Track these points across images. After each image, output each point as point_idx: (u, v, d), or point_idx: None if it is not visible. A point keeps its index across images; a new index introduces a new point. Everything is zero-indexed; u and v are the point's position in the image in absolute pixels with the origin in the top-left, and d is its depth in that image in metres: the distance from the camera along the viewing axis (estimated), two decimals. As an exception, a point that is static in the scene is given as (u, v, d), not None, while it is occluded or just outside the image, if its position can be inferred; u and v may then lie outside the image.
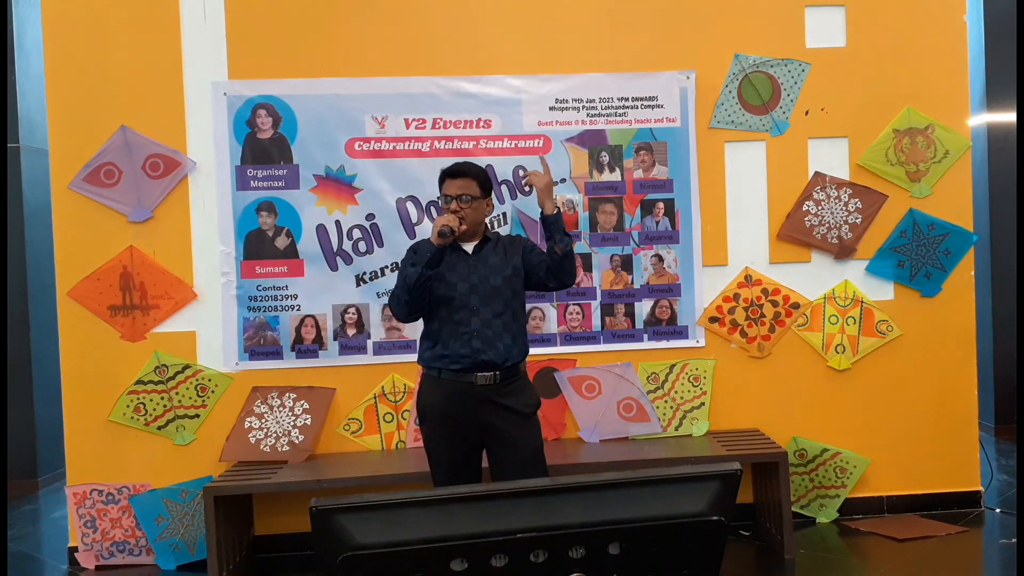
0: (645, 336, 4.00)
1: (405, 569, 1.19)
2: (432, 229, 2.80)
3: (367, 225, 3.89)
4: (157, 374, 3.81)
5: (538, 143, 3.93)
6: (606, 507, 1.23)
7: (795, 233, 4.03)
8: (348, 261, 3.88)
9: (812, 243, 4.04)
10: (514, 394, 2.86)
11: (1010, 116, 5.54)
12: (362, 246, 3.89)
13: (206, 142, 3.83)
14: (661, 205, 3.99)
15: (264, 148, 3.85)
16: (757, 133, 4.02)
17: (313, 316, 3.87)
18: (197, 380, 3.83)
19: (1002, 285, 5.58)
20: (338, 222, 3.87)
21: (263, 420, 3.82)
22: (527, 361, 3.00)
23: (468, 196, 2.87)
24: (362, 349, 3.90)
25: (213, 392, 3.84)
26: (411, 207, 3.89)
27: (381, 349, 3.90)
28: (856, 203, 4.03)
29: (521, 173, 3.91)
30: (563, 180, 3.93)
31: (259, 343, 3.86)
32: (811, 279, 4.05)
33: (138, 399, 3.80)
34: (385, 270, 3.88)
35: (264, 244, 3.86)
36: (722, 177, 4.02)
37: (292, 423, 3.82)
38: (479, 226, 2.94)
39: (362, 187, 3.88)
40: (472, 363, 2.82)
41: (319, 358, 3.88)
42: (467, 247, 2.93)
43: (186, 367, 3.83)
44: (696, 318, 4.00)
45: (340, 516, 1.17)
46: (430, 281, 2.82)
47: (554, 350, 3.95)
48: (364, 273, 3.89)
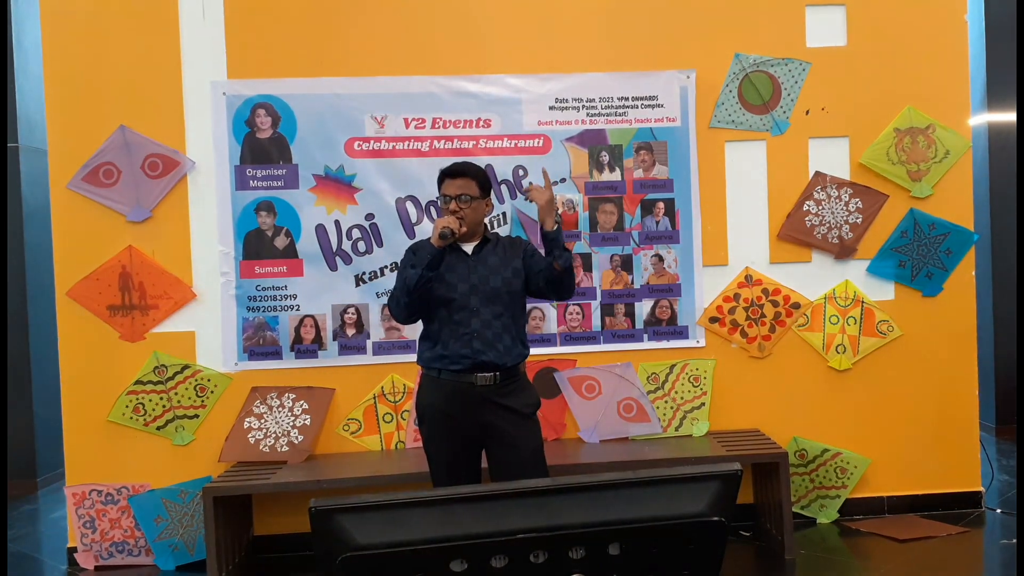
0: (645, 336, 3.99)
1: (405, 569, 1.19)
2: (432, 231, 2.80)
3: (366, 225, 3.88)
4: (156, 374, 3.81)
5: (538, 143, 3.93)
6: (606, 507, 1.23)
7: (795, 233, 4.03)
8: (347, 261, 3.88)
9: (812, 243, 4.04)
10: (514, 394, 2.86)
11: (1010, 116, 5.54)
12: (361, 246, 3.88)
13: (205, 142, 3.83)
14: (661, 205, 3.98)
15: (263, 148, 3.85)
16: (757, 133, 4.02)
17: (312, 316, 3.87)
18: (196, 380, 3.83)
19: (1002, 285, 5.58)
20: (337, 222, 3.87)
21: (262, 420, 3.81)
22: (527, 361, 3.00)
23: (467, 196, 2.86)
24: (361, 349, 3.89)
25: (212, 392, 3.83)
26: (411, 207, 3.89)
27: (381, 349, 3.90)
28: (857, 203, 4.03)
29: (521, 174, 3.91)
30: (563, 180, 3.93)
31: (258, 343, 3.85)
32: (811, 279, 4.05)
33: (137, 399, 3.80)
34: (384, 270, 3.88)
35: (263, 244, 3.86)
36: (722, 177, 4.01)
37: (291, 423, 3.82)
38: (478, 226, 2.93)
39: (361, 187, 3.87)
40: (472, 364, 2.81)
41: (318, 358, 3.87)
42: (467, 248, 2.92)
43: (185, 367, 3.83)
44: (696, 318, 4.00)
45: (340, 516, 1.17)
46: (430, 283, 2.81)
47: (554, 350, 3.95)
48: (363, 273, 3.89)
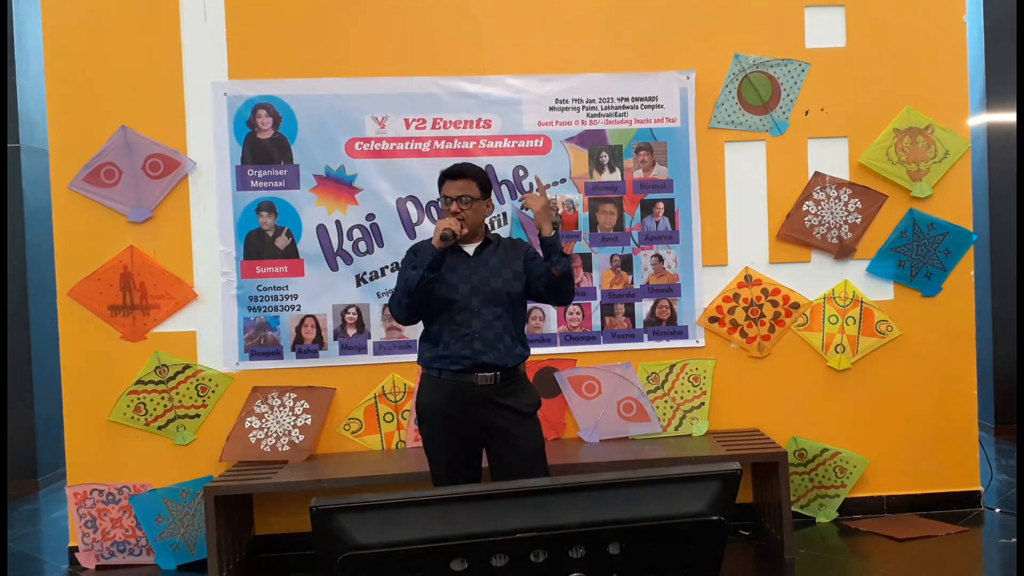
0: (645, 336, 4.00)
1: (405, 569, 1.19)
2: (434, 232, 2.80)
3: (367, 225, 3.89)
4: (157, 374, 3.82)
5: (538, 143, 3.93)
6: (606, 507, 1.23)
7: (795, 233, 4.03)
8: (348, 261, 3.88)
9: (812, 243, 4.04)
10: (514, 394, 2.86)
11: (1010, 116, 5.54)
12: (362, 246, 3.89)
13: (206, 142, 3.83)
14: (661, 205, 3.99)
15: (264, 148, 3.85)
16: (757, 133, 4.02)
17: (313, 316, 3.88)
18: (197, 380, 3.83)
19: (1002, 285, 5.58)
20: (338, 222, 3.87)
21: (263, 420, 3.82)
22: (527, 361, 3.00)
23: (468, 197, 2.86)
24: (362, 349, 3.90)
25: (213, 392, 3.84)
26: (411, 207, 3.90)
27: (381, 349, 3.91)
28: (856, 203, 4.03)
29: (521, 174, 3.91)
30: (563, 180, 3.93)
31: (259, 343, 3.86)
32: (811, 279, 4.06)
33: (138, 399, 3.81)
34: (385, 270, 3.89)
35: (264, 244, 3.86)
36: (722, 177, 4.02)
37: (292, 423, 3.82)
38: (479, 227, 2.93)
39: (362, 187, 3.88)
40: (473, 364, 2.81)
41: (319, 358, 3.88)
42: (468, 249, 2.92)
43: (186, 367, 3.83)
44: (696, 318, 4.00)
45: (340, 516, 1.17)
46: (431, 284, 2.81)
47: (554, 350, 3.95)
48: (364, 273, 3.89)
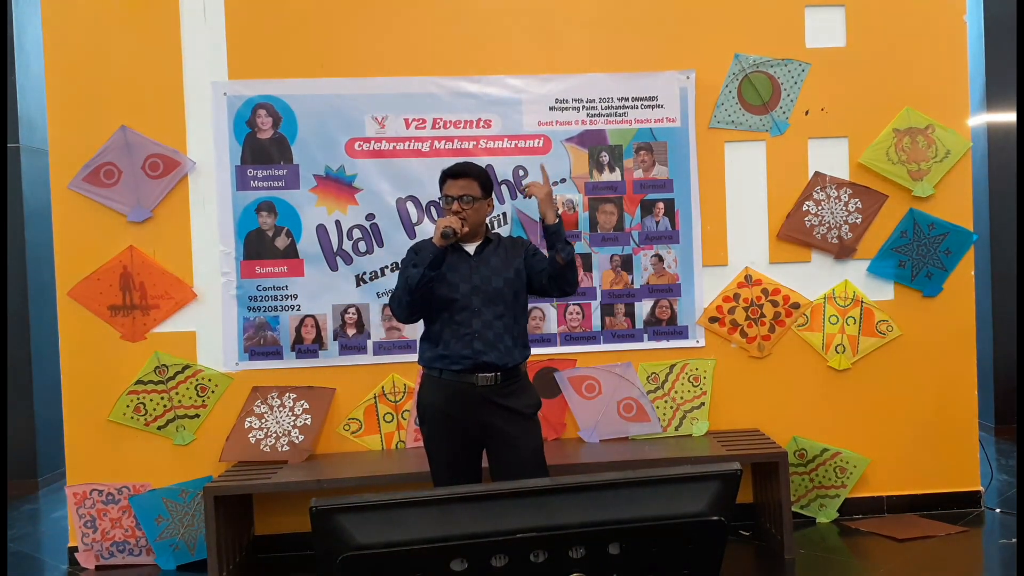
0: (645, 336, 4.00)
1: (405, 569, 1.19)
2: (435, 230, 2.80)
3: (367, 225, 3.89)
4: (157, 374, 3.81)
5: (538, 143, 3.93)
6: (606, 507, 1.23)
7: (795, 233, 4.03)
8: (348, 261, 3.88)
9: (812, 243, 4.04)
10: (515, 395, 2.86)
11: (1010, 116, 5.54)
12: (362, 246, 3.89)
13: (206, 142, 3.83)
14: (661, 205, 3.99)
15: (264, 148, 3.85)
16: (757, 133, 4.02)
17: (313, 316, 3.88)
18: (197, 380, 3.83)
19: (1002, 285, 5.58)
20: (338, 222, 3.87)
21: (263, 420, 3.82)
22: (527, 361, 3.00)
23: (470, 197, 2.86)
24: (362, 349, 3.90)
25: (213, 392, 3.84)
26: (411, 207, 3.89)
27: (381, 349, 3.90)
28: (856, 203, 4.03)
29: (521, 174, 3.91)
30: (563, 180, 3.93)
31: (259, 343, 3.86)
32: (811, 279, 4.06)
33: (138, 399, 3.81)
34: (385, 270, 3.88)
35: (264, 244, 3.86)
36: (722, 177, 4.02)
37: (292, 423, 3.82)
38: (480, 227, 2.93)
39: (362, 187, 3.88)
40: (473, 364, 2.81)
41: (319, 358, 3.88)
42: (469, 248, 2.92)
43: (186, 367, 3.83)
44: (696, 318, 4.00)
45: (340, 516, 1.17)
46: (432, 282, 2.81)
47: (554, 350, 3.95)
48: (364, 273, 3.89)
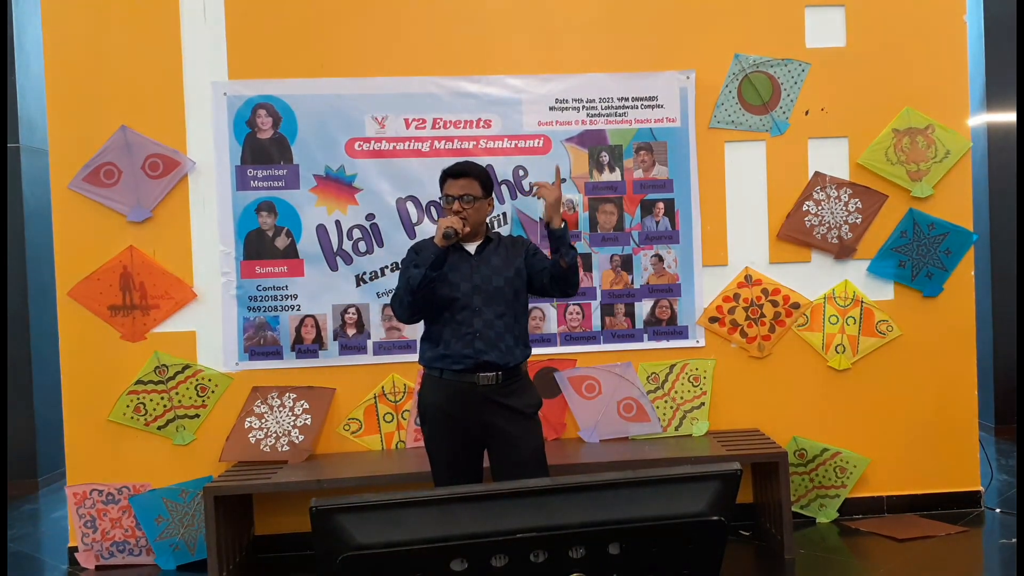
0: (645, 336, 4.00)
1: (405, 569, 1.19)
2: (436, 231, 2.80)
3: (367, 225, 3.89)
4: (157, 374, 3.81)
5: (538, 143, 3.93)
6: (606, 507, 1.23)
7: (795, 233, 4.03)
8: (348, 261, 3.88)
9: (812, 243, 4.04)
10: (516, 394, 2.86)
11: (1010, 116, 5.54)
12: (362, 246, 3.89)
13: (206, 142, 3.83)
14: (661, 205, 3.99)
15: (264, 148, 3.85)
16: (757, 133, 4.02)
17: (313, 316, 3.88)
18: (197, 380, 3.83)
19: (1002, 285, 5.58)
20: (338, 222, 3.87)
21: (263, 420, 3.82)
22: (527, 361, 3.00)
23: (470, 196, 2.86)
24: (362, 349, 3.90)
25: (213, 392, 3.84)
26: (411, 207, 3.89)
27: (381, 349, 3.90)
28: (856, 203, 4.03)
29: (521, 174, 3.91)
30: (563, 180, 3.93)
31: (259, 343, 3.86)
32: (811, 279, 4.05)
33: (138, 399, 3.81)
34: (385, 270, 3.88)
35: (264, 244, 3.86)
36: (722, 177, 4.02)
37: (292, 423, 3.82)
38: (481, 226, 2.94)
39: (362, 187, 3.88)
40: (474, 364, 2.81)
41: (319, 358, 3.88)
42: (469, 247, 2.92)
43: (186, 367, 3.83)
44: (696, 318, 4.00)
45: (340, 516, 1.17)
46: (434, 283, 2.81)
47: (554, 350, 3.95)
48: (364, 273, 3.89)
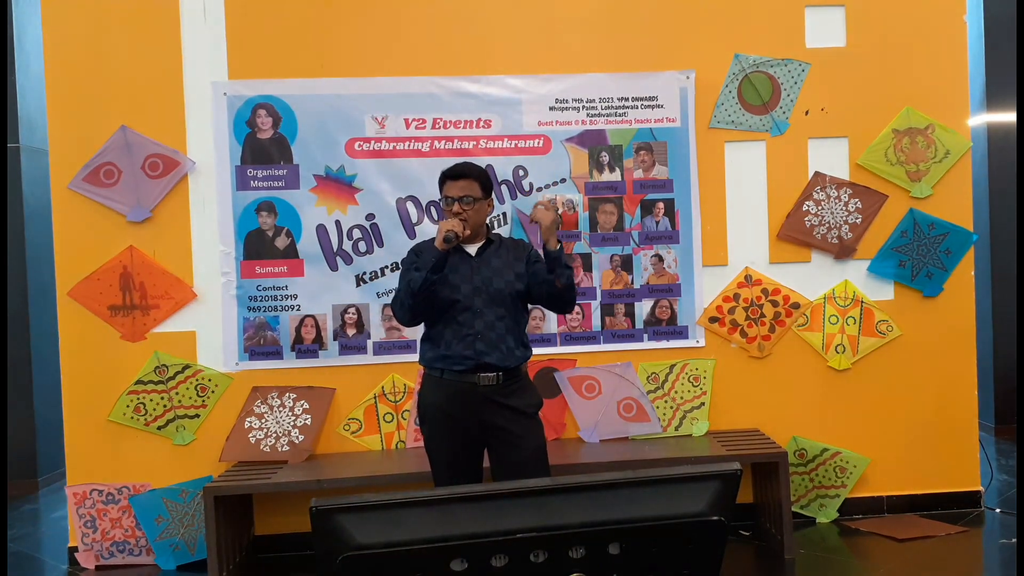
0: (645, 336, 4.00)
1: (405, 569, 1.19)
2: (437, 234, 2.79)
3: (367, 225, 3.89)
4: (157, 374, 3.81)
5: (538, 143, 3.93)
6: (606, 507, 1.23)
7: (795, 233, 4.03)
8: (348, 261, 3.88)
9: (812, 243, 4.04)
10: (516, 394, 2.86)
11: (1010, 116, 5.54)
12: (362, 246, 3.89)
13: (206, 142, 3.83)
14: (661, 205, 3.99)
15: (264, 148, 3.85)
16: (757, 133, 4.02)
17: (313, 316, 3.87)
18: (197, 380, 3.83)
19: (1002, 285, 5.58)
20: (338, 222, 3.87)
21: (263, 420, 3.82)
22: (528, 361, 3.00)
23: (470, 198, 2.86)
24: (362, 349, 3.90)
25: (213, 392, 3.84)
26: (411, 207, 3.89)
27: (381, 349, 3.90)
28: (856, 203, 4.03)
29: (521, 174, 3.91)
30: (563, 180, 3.93)
31: (259, 343, 3.86)
32: (811, 279, 4.05)
33: (138, 399, 3.81)
34: (385, 270, 3.88)
35: (264, 244, 3.86)
36: (722, 177, 4.02)
37: (292, 423, 3.82)
38: (481, 227, 2.93)
39: (362, 187, 3.88)
40: (475, 365, 2.81)
41: (319, 358, 3.88)
42: (470, 249, 2.92)
43: (186, 367, 3.83)
44: (696, 318, 4.00)
45: (340, 516, 1.17)
46: (434, 286, 2.80)
47: (554, 350, 3.95)
48: (364, 273, 3.89)
